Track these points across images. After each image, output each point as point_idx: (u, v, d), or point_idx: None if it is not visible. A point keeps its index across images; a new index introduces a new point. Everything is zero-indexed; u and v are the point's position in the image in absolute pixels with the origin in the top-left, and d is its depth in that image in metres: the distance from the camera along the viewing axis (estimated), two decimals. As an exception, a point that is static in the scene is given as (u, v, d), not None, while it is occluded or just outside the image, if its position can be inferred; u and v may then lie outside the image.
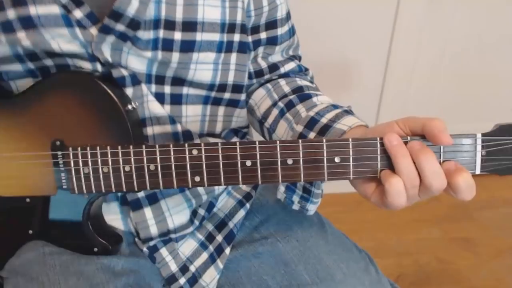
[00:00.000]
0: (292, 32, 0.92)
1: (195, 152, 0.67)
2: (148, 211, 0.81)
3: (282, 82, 0.89)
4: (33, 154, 0.74)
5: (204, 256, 0.86)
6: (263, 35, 0.87)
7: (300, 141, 0.65)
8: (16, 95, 0.75)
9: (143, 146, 0.69)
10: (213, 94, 0.83)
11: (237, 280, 0.85)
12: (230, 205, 0.92)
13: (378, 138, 0.64)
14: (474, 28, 2.03)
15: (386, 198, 0.63)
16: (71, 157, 0.72)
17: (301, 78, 0.91)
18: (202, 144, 0.67)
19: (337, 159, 0.65)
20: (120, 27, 0.72)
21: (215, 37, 0.78)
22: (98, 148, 0.70)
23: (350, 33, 1.91)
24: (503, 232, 2.05)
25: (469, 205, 2.17)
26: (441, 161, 0.64)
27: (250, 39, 0.86)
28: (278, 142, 0.65)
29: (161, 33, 0.75)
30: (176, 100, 0.81)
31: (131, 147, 0.69)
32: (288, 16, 0.90)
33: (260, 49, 0.89)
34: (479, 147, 0.64)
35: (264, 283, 0.82)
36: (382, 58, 2.01)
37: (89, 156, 0.71)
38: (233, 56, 0.82)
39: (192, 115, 0.83)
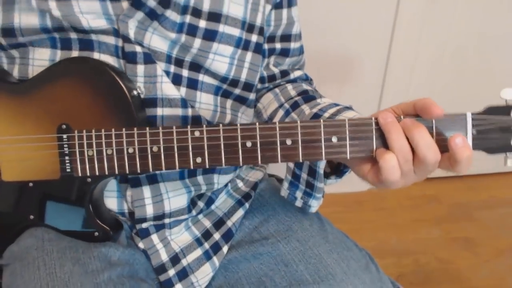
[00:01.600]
0: (301, 50, 0.97)
1: (197, 133, 0.69)
2: (146, 190, 0.82)
3: (289, 86, 0.93)
4: (39, 137, 0.75)
5: (198, 252, 0.87)
6: (278, 45, 0.92)
7: (298, 121, 0.67)
8: (25, 80, 0.77)
9: (147, 129, 0.70)
10: (224, 86, 0.86)
11: (236, 281, 0.85)
12: (229, 205, 0.93)
13: (373, 118, 0.66)
14: (474, 25, 2.03)
15: (381, 175, 0.65)
16: (76, 139, 0.73)
17: (307, 85, 0.95)
18: (204, 126, 0.69)
19: (334, 139, 0.67)
20: (152, 3, 0.74)
21: (236, 32, 0.82)
22: (103, 130, 0.72)
23: (351, 30, 1.92)
24: (503, 232, 2.05)
25: (469, 205, 2.17)
26: (434, 137, 0.66)
27: (266, 46, 0.91)
28: (277, 123, 0.67)
29: (188, 18, 0.78)
30: (192, 84, 0.83)
31: (135, 129, 0.71)
32: (300, 36, 0.96)
33: (272, 58, 0.94)
34: (469, 125, 0.66)
35: (262, 285, 0.82)
36: (383, 55, 2.02)
37: (93, 138, 0.72)
38: (249, 55, 0.86)
39: (205, 102, 0.84)
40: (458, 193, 2.18)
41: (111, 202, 0.84)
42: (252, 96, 0.91)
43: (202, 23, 0.79)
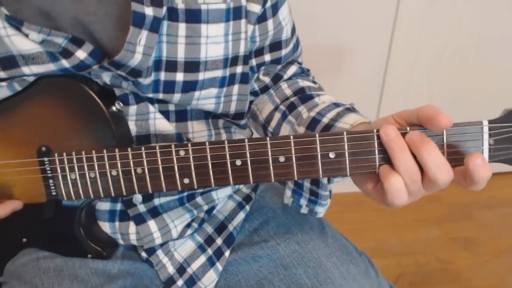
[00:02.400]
0: (296, 47, 0.91)
1: (182, 153, 0.65)
2: (152, 224, 0.80)
3: (284, 85, 0.88)
4: (19, 162, 0.73)
5: (202, 259, 0.85)
6: (267, 57, 0.86)
7: (291, 136, 0.62)
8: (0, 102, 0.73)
9: (129, 149, 0.67)
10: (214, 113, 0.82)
11: (236, 284, 0.84)
12: (230, 207, 0.90)
13: (375, 131, 0.60)
14: (474, 25, 2.03)
15: (386, 198, 0.60)
16: (57, 163, 0.70)
17: (303, 79, 0.90)
18: (189, 145, 0.65)
19: (331, 155, 0.61)
20: (121, 73, 0.69)
21: (218, 73, 0.76)
22: (83, 153, 0.69)
23: (351, 30, 1.91)
24: (503, 232, 2.04)
25: (469, 205, 2.17)
26: (445, 151, 0.60)
27: (254, 62, 0.85)
28: (268, 139, 0.62)
29: (163, 75, 0.73)
30: (182, 116, 0.79)
31: (116, 150, 0.67)
32: (293, 32, 0.89)
33: (262, 68, 0.88)
34: (486, 136, 0.59)
35: (261, 287, 0.81)
36: (383, 55, 2.01)
37: (75, 162, 0.69)
38: (235, 88, 0.81)
39: (198, 130, 0.81)
40: (458, 193, 2.17)
41: None
42: (243, 121, 0.86)
43: (179, 76, 0.73)
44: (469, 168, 0.57)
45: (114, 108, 0.71)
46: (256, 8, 0.77)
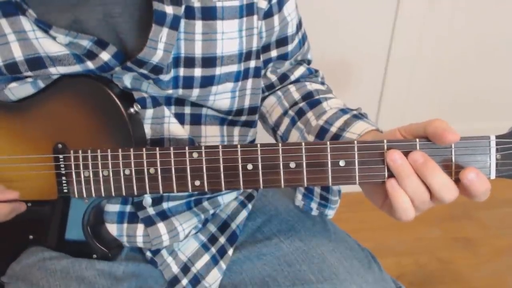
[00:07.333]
0: (302, 42, 0.91)
1: (195, 155, 0.66)
2: (161, 227, 0.81)
3: (292, 88, 0.88)
4: (35, 157, 0.74)
5: (206, 257, 0.86)
6: (273, 53, 0.87)
7: (303, 143, 0.63)
8: (22, 99, 0.75)
9: (144, 149, 0.68)
10: (230, 117, 0.83)
11: (240, 282, 0.84)
12: (232, 206, 0.91)
13: (385, 141, 0.62)
14: (474, 25, 2.02)
15: (395, 214, 0.63)
16: (72, 160, 0.71)
17: (311, 82, 0.91)
18: (203, 147, 0.66)
19: (341, 163, 0.63)
20: (143, 71, 0.71)
21: (233, 68, 0.78)
22: (98, 151, 0.70)
23: (351, 30, 1.91)
24: (503, 231, 2.04)
25: (469, 205, 2.16)
26: (453, 163, 0.61)
27: (261, 57, 0.86)
28: (280, 145, 0.64)
29: (182, 71, 0.75)
30: (196, 120, 0.81)
31: (131, 150, 0.68)
32: (298, 27, 0.89)
33: (270, 65, 0.89)
34: (493, 150, 0.61)
35: (266, 285, 0.81)
36: (383, 56, 2.01)
37: (89, 159, 0.71)
38: (249, 82, 0.82)
39: (211, 135, 0.83)
40: (458, 193, 2.14)
41: None
42: (257, 117, 0.88)
43: (198, 72, 0.75)
44: (464, 183, 0.59)
45: (132, 110, 0.73)
46: (263, 4, 0.79)
